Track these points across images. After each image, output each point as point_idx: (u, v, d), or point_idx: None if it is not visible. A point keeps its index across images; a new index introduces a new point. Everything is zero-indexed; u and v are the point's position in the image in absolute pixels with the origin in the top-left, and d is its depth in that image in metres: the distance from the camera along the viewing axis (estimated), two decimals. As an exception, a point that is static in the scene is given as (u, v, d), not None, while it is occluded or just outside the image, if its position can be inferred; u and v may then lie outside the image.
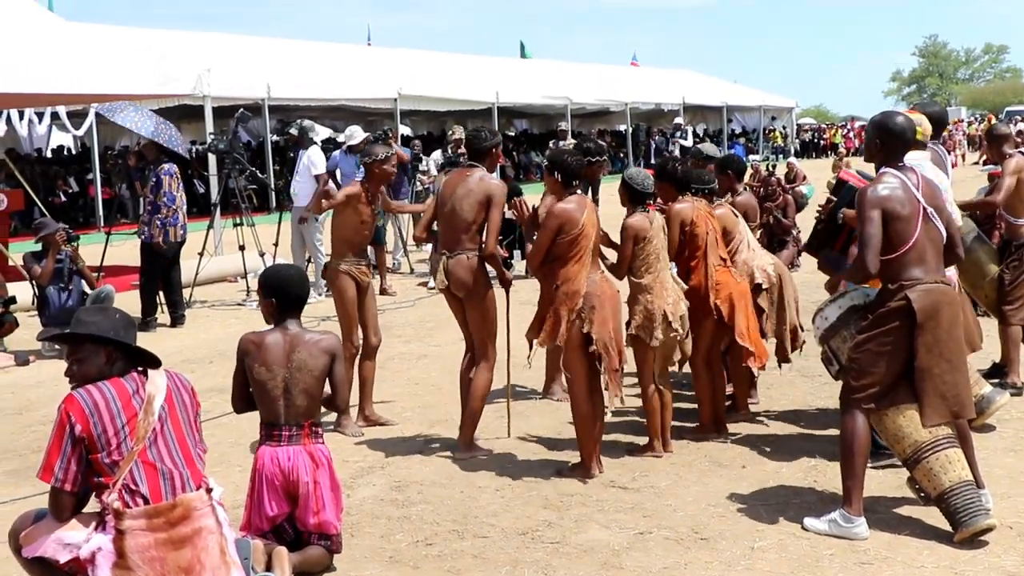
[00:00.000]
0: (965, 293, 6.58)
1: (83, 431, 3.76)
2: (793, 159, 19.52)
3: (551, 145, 17.25)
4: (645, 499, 5.51)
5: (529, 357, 6.14)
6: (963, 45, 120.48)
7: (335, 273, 6.86)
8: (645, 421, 6.33)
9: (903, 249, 4.80)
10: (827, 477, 5.67)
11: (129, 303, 10.03)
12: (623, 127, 37.92)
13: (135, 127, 11.25)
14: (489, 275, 6.33)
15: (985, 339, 6.88)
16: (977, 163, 31.20)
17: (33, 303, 10.11)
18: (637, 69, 44.77)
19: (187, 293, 11.66)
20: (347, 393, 6.32)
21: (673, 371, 6.37)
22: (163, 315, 10.97)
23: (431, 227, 6.63)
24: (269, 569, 4.35)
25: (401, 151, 12.56)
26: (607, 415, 5.95)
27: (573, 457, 6.04)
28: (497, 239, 6.26)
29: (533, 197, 7.99)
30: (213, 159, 16.14)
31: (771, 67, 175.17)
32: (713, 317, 6.34)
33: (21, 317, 10.09)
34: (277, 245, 12.52)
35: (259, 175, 13.46)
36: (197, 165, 21.79)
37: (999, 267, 7.13)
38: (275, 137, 23.94)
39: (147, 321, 10.48)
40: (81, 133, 22.61)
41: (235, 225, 12.58)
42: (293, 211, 12.27)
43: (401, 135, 21.70)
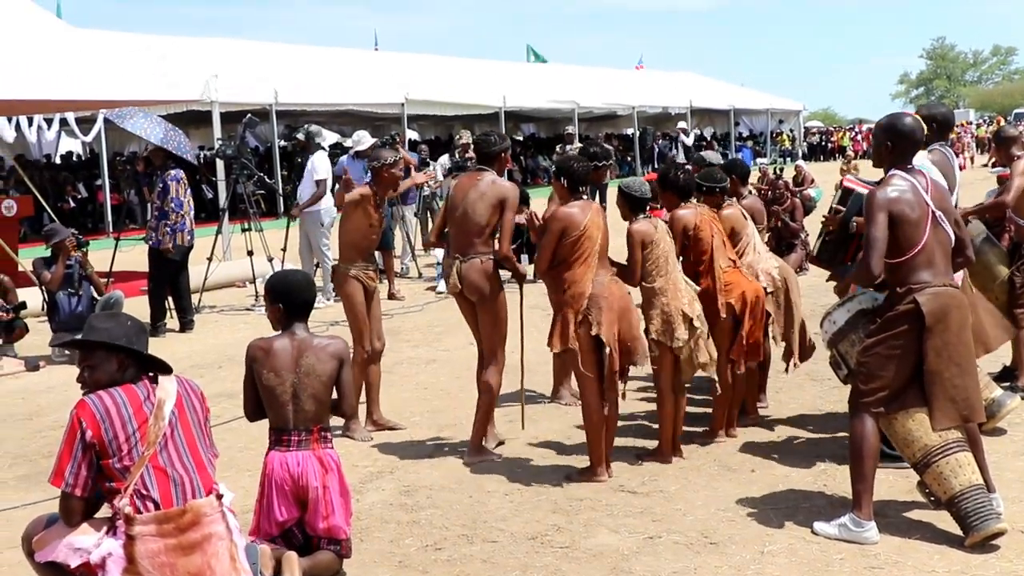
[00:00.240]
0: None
1: (94, 436, 3.77)
2: (801, 162, 19.48)
3: (558, 149, 17.26)
4: (654, 503, 5.51)
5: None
6: (971, 47, 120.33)
7: (344, 278, 6.86)
8: (655, 425, 6.33)
9: (912, 252, 4.79)
10: (837, 481, 5.66)
11: (138, 308, 10.04)
12: (630, 131, 37.94)
13: (144, 134, 11.26)
14: (501, 279, 6.34)
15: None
16: (986, 165, 31.08)
17: (43, 309, 10.15)
18: (644, 72, 44.78)
19: (196, 298, 11.69)
20: (355, 398, 6.30)
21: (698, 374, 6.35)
22: (172, 320, 10.99)
23: (442, 232, 6.62)
24: (278, 574, 4.35)
25: (408, 155, 12.58)
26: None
27: (582, 461, 6.04)
28: (511, 241, 6.26)
29: (540, 201, 8.01)
30: (221, 164, 16.17)
31: (778, 70, 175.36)
32: (726, 318, 6.33)
33: (31, 323, 10.13)
34: (285, 250, 12.55)
35: (267, 180, 13.47)
36: (205, 171, 21.83)
37: (1009, 270, 7.12)
38: (283, 142, 23.97)
39: (156, 326, 10.49)
40: (90, 139, 22.68)
41: (243, 230, 12.62)
42: (304, 216, 12.29)
43: (408, 139, 21.72)
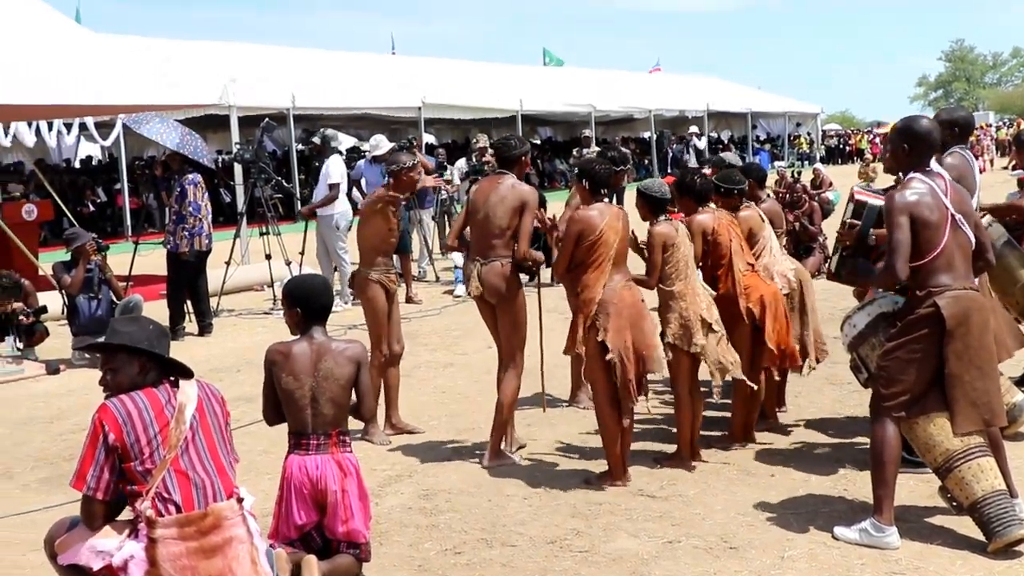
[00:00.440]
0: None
1: (116, 440, 3.79)
2: (819, 165, 19.42)
3: (575, 153, 17.25)
4: (674, 508, 5.50)
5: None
6: (990, 49, 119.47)
7: (365, 282, 6.86)
8: (673, 429, 6.32)
9: (931, 255, 4.77)
10: (857, 486, 5.63)
11: (157, 312, 10.10)
12: (647, 134, 37.91)
13: (160, 139, 11.28)
14: (522, 282, 6.35)
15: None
16: (1006, 168, 30.93)
17: (63, 312, 10.19)
18: (661, 76, 44.70)
19: (214, 302, 11.73)
20: (373, 402, 6.34)
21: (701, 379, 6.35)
22: (191, 324, 11.04)
23: (461, 235, 6.63)
24: (297, 577, 4.36)
25: (425, 159, 12.59)
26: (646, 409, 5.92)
27: (601, 465, 6.03)
28: (529, 243, 6.26)
29: (557, 204, 8.01)
30: (239, 168, 16.24)
31: (796, 73, 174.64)
32: (746, 322, 6.32)
33: (51, 326, 10.20)
34: (303, 254, 12.57)
35: (285, 184, 13.51)
36: (223, 175, 21.92)
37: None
38: (300, 146, 24.05)
39: (175, 330, 10.54)
40: (108, 144, 22.78)
41: (261, 234, 12.65)
42: (319, 220, 12.32)
43: (425, 143, 21.75)
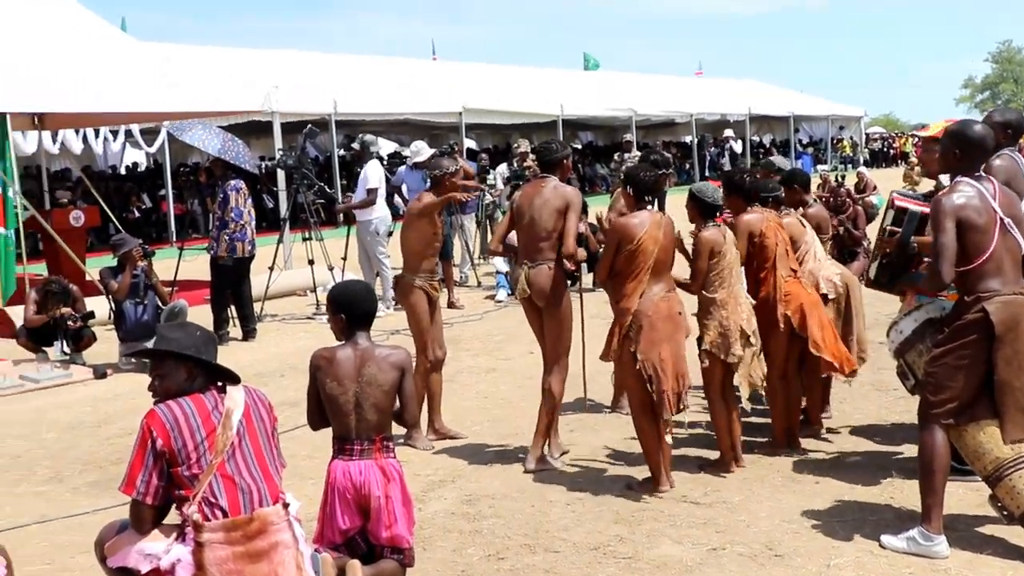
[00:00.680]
0: None
1: (164, 445, 3.84)
2: (863, 169, 19.24)
3: (616, 157, 17.20)
4: (717, 514, 5.46)
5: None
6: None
7: (408, 287, 6.87)
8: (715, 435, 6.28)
9: (979, 260, 4.71)
10: (904, 494, 5.57)
11: (202, 317, 10.19)
12: (688, 138, 37.74)
13: (202, 145, 11.35)
14: (568, 285, 6.36)
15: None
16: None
17: (109, 317, 10.32)
18: (702, 79, 44.54)
19: (258, 307, 11.81)
20: (417, 407, 6.33)
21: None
22: (235, 329, 11.13)
23: (505, 240, 6.64)
24: (342, 582, 4.38)
25: (466, 164, 12.62)
26: (681, 425, 5.89)
27: (644, 471, 6.00)
28: (576, 241, 6.26)
29: (598, 209, 7.99)
30: (282, 174, 16.36)
31: (838, 75, 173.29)
32: (783, 329, 6.27)
33: (98, 331, 10.32)
34: (345, 259, 12.64)
35: (327, 190, 13.60)
36: (266, 180, 22.09)
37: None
38: (341, 151, 24.18)
39: (219, 335, 10.62)
40: (154, 150, 23.07)
41: (304, 239, 12.74)
42: (359, 225, 12.38)
43: (467, 148, 21.80)
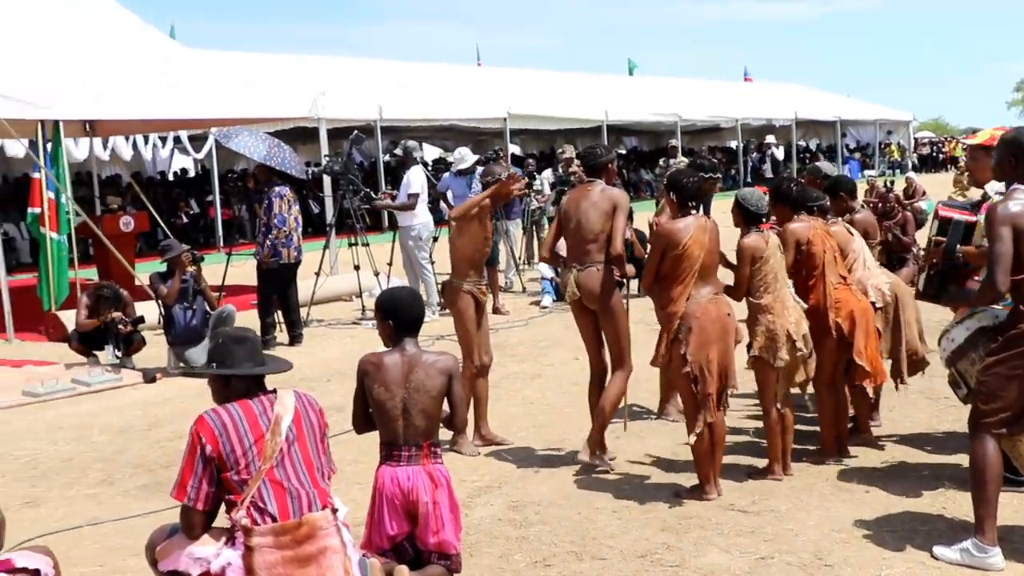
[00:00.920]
0: None
1: (213, 451, 3.88)
2: (911, 174, 19.04)
3: (661, 163, 17.17)
4: (765, 523, 5.42)
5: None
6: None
7: (456, 292, 6.88)
8: (764, 443, 6.24)
9: (1036, 269, 4.64)
10: (956, 504, 5.50)
11: (249, 322, 10.28)
12: (734, 143, 37.54)
13: (248, 152, 11.44)
14: (618, 285, 6.36)
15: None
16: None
17: (159, 322, 10.44)
18: (748, 84, 44.28)
19: (304, 312, 11.90)
20: (465, 413, 6.35)
21: (793, 392, 6.26)
22: (281, 334, 11.22)
23: (554, 247, 6.66)
24: (390, 587, 4.40)
25: (512, 170, 12.65)
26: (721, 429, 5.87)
27: (690, 479, 5.98)
28: (624, 241, 6.25)
29: (644, 215, 7.97)
30: (328, 180, 16.47)
31: (886, 79, 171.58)
32: (834, 336, 6.21)
33: (148, 335, 10.44)
34: (391, 264, 12.70)
35: (373, 196, 13.67)
36: (312, 186, 22.25)
37: None
38: (387, 157, 24.30)
39: (266, 340, 10.70)
40: (201, 156, 23.30)
41: (350, 245, 12.82)
42: (401, 231, 12.42)
43: (512, 154, 21.83)
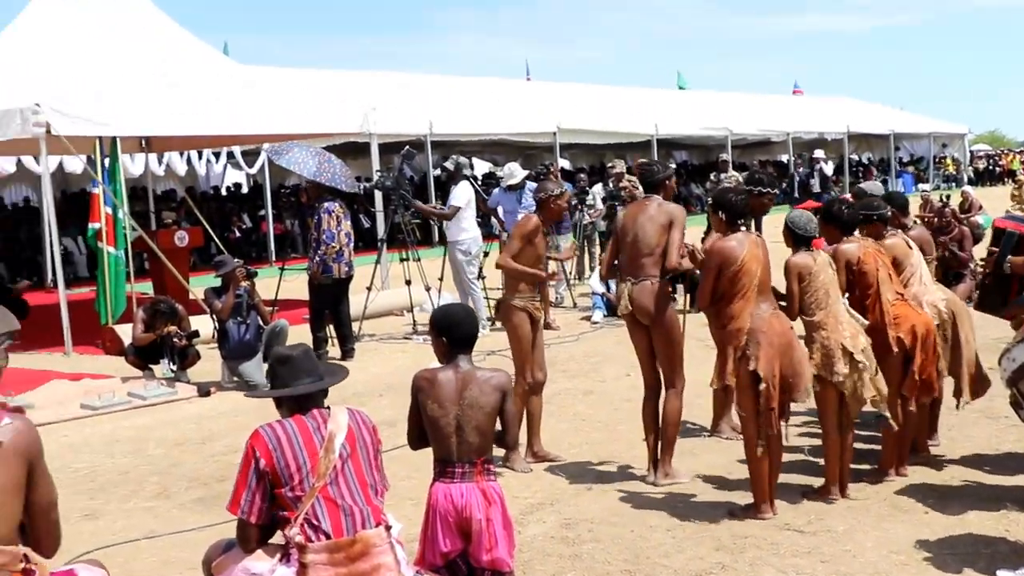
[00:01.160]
0: None
1: (267, 465, 3.90)
2: (968, 188, 18.78)
3: (712, 177, 17.08)
4: (822, 543, 5.34)
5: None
6: None
7: (510, 309, 6.87)
8: (820, 462, 6.15)
9: (1099, 284, 4.55)
10: (1020, 526, 5.38)
11: (302, 336, 10.36)
12: (785, 157, 37.24)
13: (298, 169, 11.47)
14: (673, 301, 6.33)
15: None
16: None
17: (213, 336, 10.54)
18: (799, 97, 43.97)
19: (356, 327, 11.95)
20: (516, 431, 6.33)
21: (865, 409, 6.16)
22: (334, 348, 11.27)
23: (613, 264, 6.64)
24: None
25: (564, 187, 12.62)
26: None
27: (745, 497, 5.91)
28: (680, 255, 6.23)
29: (694, 229, 7.93)
30: (379, 195, 16.56)
31: (940, 91, 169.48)
32: (896, 352, 6.12)
33: (202, 349, 10.54)
34: (442, 279, 12.73)
35: (421, 205, 13.71)
36: (363, 201, 22.39)
37: None
38: (437, 171, 24.41)
39: (318, 354, 10.75)
40: (254, 171, 23.56)
41: (401, 260, 12.86)
42: (449, 245, 12.39)
43: (563, 168, 21.83)
